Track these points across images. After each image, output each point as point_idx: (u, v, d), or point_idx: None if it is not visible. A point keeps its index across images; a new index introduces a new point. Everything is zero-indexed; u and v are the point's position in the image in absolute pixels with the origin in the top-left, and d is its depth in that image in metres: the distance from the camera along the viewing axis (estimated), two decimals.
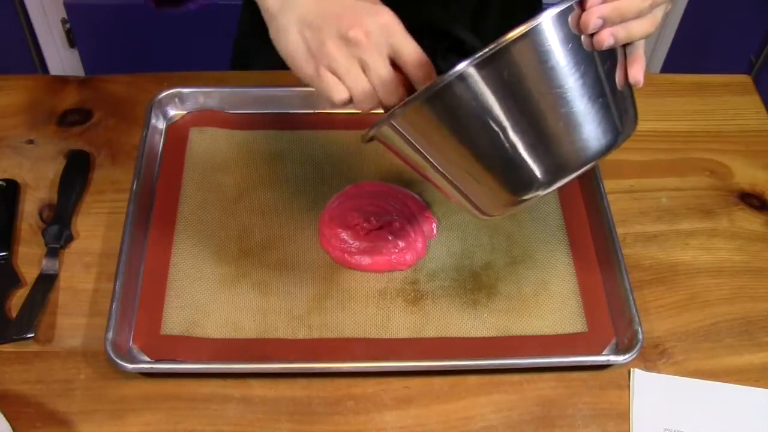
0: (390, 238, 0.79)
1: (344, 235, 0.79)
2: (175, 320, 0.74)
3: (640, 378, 0.73)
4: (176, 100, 0.90)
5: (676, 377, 0.73)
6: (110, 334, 0.71)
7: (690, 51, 1.79)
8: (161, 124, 0.89)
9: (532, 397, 0.72)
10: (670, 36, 1.76)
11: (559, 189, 0.86)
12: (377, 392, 0.71)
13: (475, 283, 0.78)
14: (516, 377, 0.73)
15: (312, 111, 0.92)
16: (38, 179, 0.86)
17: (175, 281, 0.77)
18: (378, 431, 0.69)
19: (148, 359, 0.72)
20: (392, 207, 0.82)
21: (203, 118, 0.90)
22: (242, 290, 0.77)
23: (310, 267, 0.79)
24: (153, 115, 0.88)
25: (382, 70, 0.60)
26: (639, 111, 0.62)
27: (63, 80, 0.96)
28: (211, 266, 0.78)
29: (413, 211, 0.82)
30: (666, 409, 0.71)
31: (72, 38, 1.69)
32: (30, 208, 0.83)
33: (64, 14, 1.63)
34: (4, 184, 0.84)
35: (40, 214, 0.83)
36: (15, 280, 0.77)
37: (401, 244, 0.79)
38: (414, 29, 0.81)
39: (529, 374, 0.73)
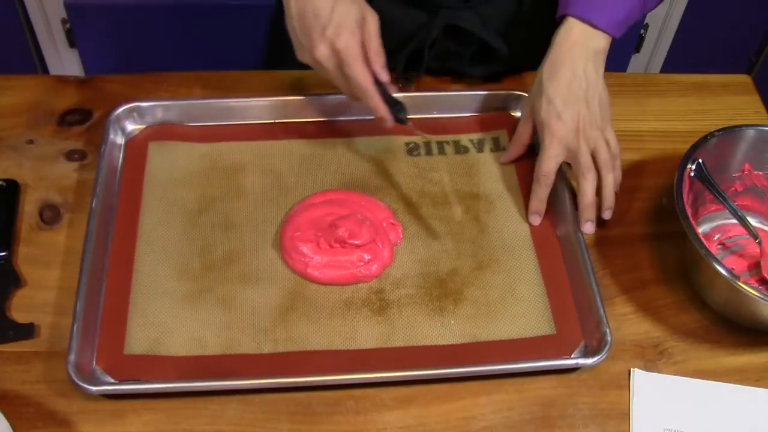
0: (355, 251, 0.77)
1: (305, 249, 0.77)
2: (139, 339, 0.72)
3: (640, 378, 0.73)
4: (134, 114, 0.88)
5: (676, 377, 0.73)
6: (72, 357, 0.68)
7: (690, 51, 1.79)
8: (120, 140, 0.87)
9: (532, 397, 0.72)
10: (670, 36, 1.75)
11: (523, 191, 0.84)
12: (377, 392, 0.71)
13: (442, 290, 0.77)
14: (516, 377, 0.73)
15: (272, 121, 0.90)
16: (38, 179, 0.85)
17: (138, 299, 0.75)
18: (378, 431, 0.69)
19: (112, 380, 0.70)
20: (357, 216, 0.79)
21: (162, 132, 0.88)
22: (206, 306, 0.75)
23: (274, 280, 0.77)
24: (111, 130, 0.86)
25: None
26: (640, 111, 0.61)
27: (63, 80, 0.95)
28: (173, 283, 0.76)
29: (379, 219, 0.80)
30: (666, 409, 0.71)
31: (72, 38, 1.68)
32: (30, 208, 0.83)
33: (64, 14, 1.62)
34: (4, 184, 0.84)
35: (40, 214, 0.83)
36: (15, 280, 0.77)
37: (367, 257, 0.77)
38: (443, 33, 0.86)
39: (529, 375, 0.73)
